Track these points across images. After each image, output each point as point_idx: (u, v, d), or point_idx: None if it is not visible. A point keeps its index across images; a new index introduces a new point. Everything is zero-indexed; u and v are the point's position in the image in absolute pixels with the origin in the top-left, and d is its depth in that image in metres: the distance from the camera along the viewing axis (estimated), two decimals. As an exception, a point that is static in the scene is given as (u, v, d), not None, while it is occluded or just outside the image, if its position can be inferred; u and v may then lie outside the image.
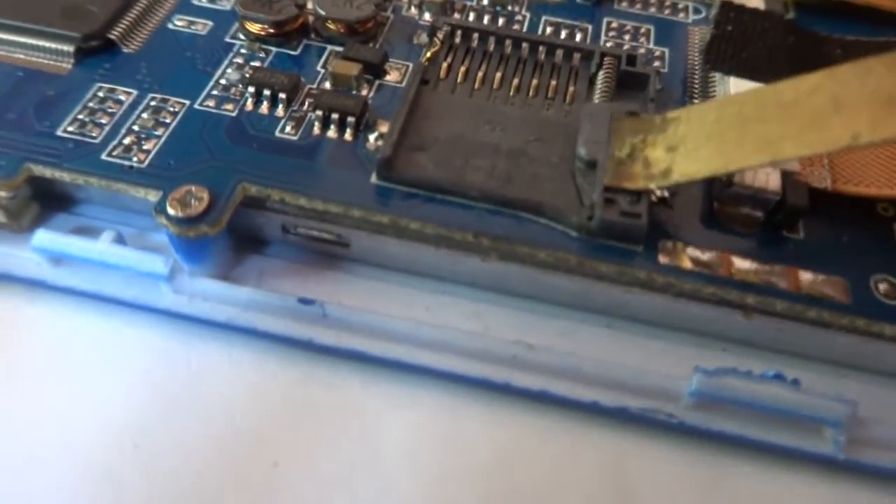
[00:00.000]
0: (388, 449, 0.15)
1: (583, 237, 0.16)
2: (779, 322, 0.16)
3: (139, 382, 0.16)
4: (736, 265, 0.16)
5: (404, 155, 0.16)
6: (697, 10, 0.23)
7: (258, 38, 0.20)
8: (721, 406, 0.15)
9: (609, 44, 0.21)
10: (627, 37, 0.22)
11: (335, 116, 0.18)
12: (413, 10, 0.22)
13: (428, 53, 0.19)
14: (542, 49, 0.19)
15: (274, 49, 0.20)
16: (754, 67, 0.19)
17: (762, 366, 0.15)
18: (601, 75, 0.19)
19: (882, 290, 0.15)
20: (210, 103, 0.18)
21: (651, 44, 0.21)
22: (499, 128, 0.17)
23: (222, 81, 0.19)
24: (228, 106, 0.18)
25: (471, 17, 0.21)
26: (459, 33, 0.19)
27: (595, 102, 0.18)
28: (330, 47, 0.20)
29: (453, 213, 0.16)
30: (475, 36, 0.20)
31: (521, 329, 0.16)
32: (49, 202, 0.18)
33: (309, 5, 0.20)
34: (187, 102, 0.18)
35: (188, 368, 0.16)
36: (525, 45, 0.19)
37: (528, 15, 0.22)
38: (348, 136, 0.18)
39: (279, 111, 0.18)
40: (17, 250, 0.17)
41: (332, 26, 0.20)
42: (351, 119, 0.17)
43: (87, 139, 0.17)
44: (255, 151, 0.17)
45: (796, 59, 0.20)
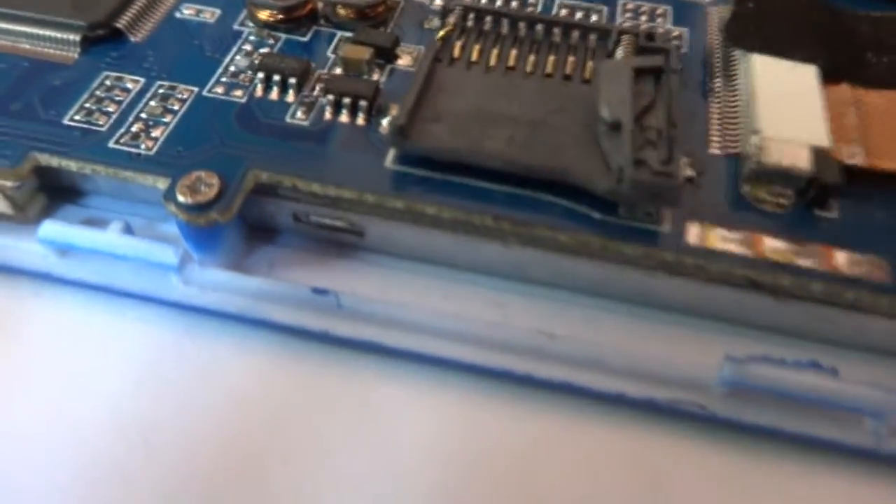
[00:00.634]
0: (405, 442, 0.15)
1: (608, 219, 0.15)
2: (814, 306, 0.15)
3: (148, 376, 0.16)
4: (767, 245, 0.15)
5: (419, 125, 0.16)
6: (716, -10, 0.22)
7: (267, 25, 0.19)
8: (753, 396, 0.14)
9: (626, 24, 0.20)
10: (644, 17, 0.21)
11: (347, 101, 0.17)
12: (424, -5, 0.21)
13: (441, 33, 0.18)
14: (558, 30, 0.19)
15: (283, 36, 0.19)
16: (777, 44, 0.19)
17: (795, 353, 0.15)
18: (620, 52, 0.18)
19: (922, 271, 0.15)
20: (219, 90, 0.18)
21: (669, 25, 0.21)
22: (516, 101, 0.17)
23: (231, 68, 0.18)
24: (238, 92, 0.18)
25: (483, 0, 0.21)
26: (472, 16, 0.19)
27: (612, 59, 0.17)
28: (340, 33, 0.20)
29: (471, 197, 0.15)
30: (488, 18, 0.19)
31: (543, 318, 0.16)
32: (56, 193, 0.17)
33: (318, -9, 0.20)
34: (196, 89, 0.18)
35: (199, 361, 0.16)
36: (540, 27, 0.19)
37: (542, -3, 0.21)
38: (361, 121, 0.17)
39: (289, 96, 0.18)
40: (24, 242, 0.16)
41: (342, 11, 0.20)
42: (363, 103, 0.17)
43: (94, 127, 0.17)
44: (266, 137, 0.17)
45: (820, 35, 0.19)
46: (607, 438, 0.15)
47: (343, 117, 0.17)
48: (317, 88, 0.18)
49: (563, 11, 0.21)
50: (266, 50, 0.19)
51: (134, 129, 0.17)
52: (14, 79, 0.18)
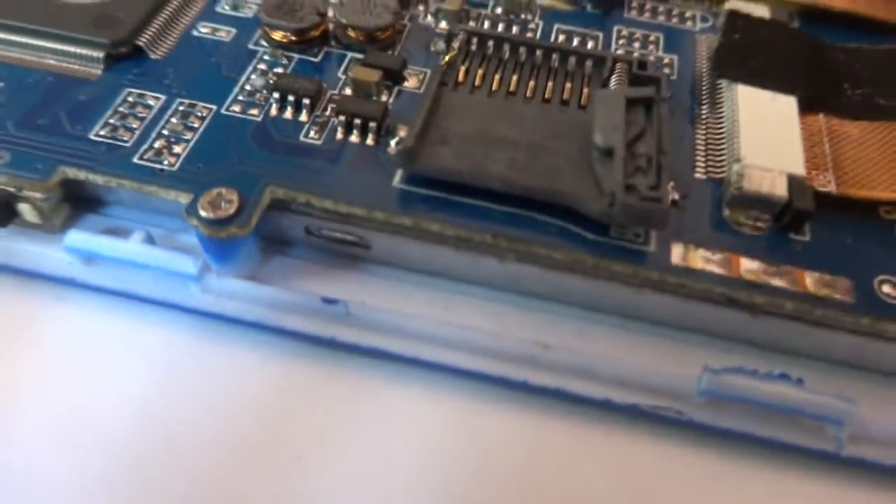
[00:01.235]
0: (410, 444, 0.16)
1: (599, 239, 0.16)
2: (785, 322, 0.16)
3: (167, 377, 0.17)
4: (745, 266, 0.16)
5: (426, 148, 0.17)
6: (705, 19, 0.23)
7: (280, 45, 0.20)
8: (728, 404, 0.16)
9: (619, 51, 0.22)
10: (637, 44, 0.22)
11: (357, 122, 0.18)
12: (429, 19, 0.22)
13: (446, 58, 0.19)
14: (556, 56, 0.20)
15: (296, 56, 0.20)
16: (761, 75, 0.20)
17: (768, 365, 0.16)
18: (614, 79, 0.19)
19: (885, 291, 0.16)
20: (236, 108, 0.19)
21: (660, 51, 0.22)
22: (517, 125, 0.18)
23: (247, 87, 0.19)
24: (254, 111, 0.19)
25: (485, 25, 0.22)
26: (475, 40, 0.20)
27: (607, 88, 0.19)
28: (350, 54, 0.21)
29: (473, 215, 0.16)
30: (490, 43, 0.20)
31: (538, 329, 0.17)
32: (80, 204, 0.18)
33: (330, 13, 0.21)
34: (214, 107, 0.19)
35: (215, 364, 0.17)
36: (539, 52, 0.20)
37: (541, 23, 0.22)
38: (370, 141, 0.18)
39: (303, 116, 0.19)
40: (50, 250, 0.17)
41: (352, 34, 0.21)
42: (372, 124, 0.18)
43: (119, 143, 0.18)
44: (281, 155, 0.18)
45: (801, 67, 0.20)
46: (594, 440, 0.16)
47: (353, 137, 0.18)
48: (329, 109, 0.19)
49: (562, 37, 0.22)
50: (280, 70, 0.20)
51: (157, 146, 0.18)
52: (41, 94, 0.19)
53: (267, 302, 0.17)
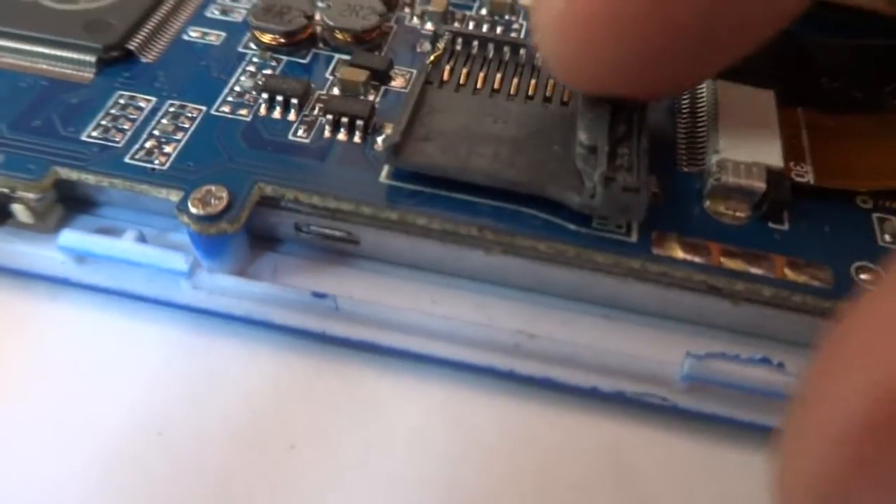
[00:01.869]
0: (400, 433, 0.16)
1: (582, 230, 0.17)
2: (765, 308, 0.17)
3: (161, 374, 0.17)
4: (724, 254, 0.17)
5: (412, 144, 0.17)
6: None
7: (269, 48, 0.21)
8: (711, 389, 0.16)
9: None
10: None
11: (345, 120, 0.18)
12: (415, 21, 0.23)
13: (431, 57, 0.20)
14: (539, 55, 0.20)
15: (284, 58, 0.21)
16: (737, 70, 0.20)
17: (749, 350, 0.16)
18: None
19: (862, 277, 0.16)
20: (225, 109, 0.19)
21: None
22: (501, 121, 0.18)
23: (236, 88, 0.20)
24: (243, 111, 0.19)
25: (470, 26, 0.23)
26: (461, 40, 0.20)
27: None
28: (337, 56, 0.21)
29: (458, 209, 0.17)
30: (475, 43, 0.21)
31: (523, 319, 0.17)
32: (73, 205, 0.18)
33: (317, 16, 0.21)
34: (204, 108, 0.19)
35: (207, 359, 0.17)
36: (522, 51, 0.20)
37: (525, 24, 0.23)
38: (357, 139, 0.19)
39: (291, 115, 0.19)
40: (44, 250, 0.18)
41: (340, 36, 0.21)
42: (360, 122, 0.18)
43: (111, 143, 0.18)
44: (270, 153, 0.18)
45: (780, 62, 0.21)
46: (581, 427, 0.16)
47: (341, 135, 0.19)
48: (317, 108, 0.19)
49: (544, 36, 0.22)
50: (269, 71, 0.20)
51: (148, 146, 0.18)
52: (35, 97, 0.19)
53: (257, 297, 0.17)
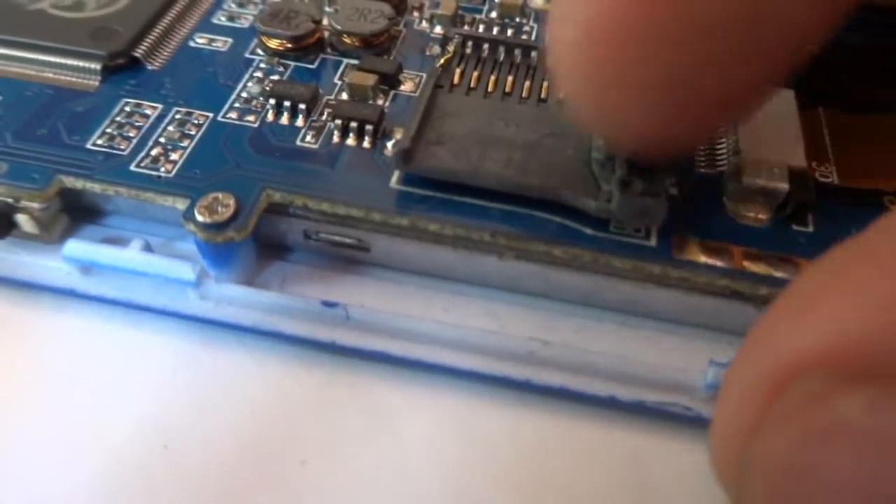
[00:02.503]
0: (412, 446, 0.16)
1: (599, 234, 0.16)
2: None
3: (168, 386, 0.17)
4: (747, 258, 0.16)
5: (423, 148, 0.17)
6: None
7: (277, 53, 0.21)
8: (737, 398, 0.15)
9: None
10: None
11: (354, 125, 0.18)
12: (424, 24, 0.22)
13: (441, 60, 0.19)
14: (551, 57, 0.20)
15: (292, 63, 0.21)
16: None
17: (776, 358, 0.16)
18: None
19: (891, 281, 0.16)
20: (233, 115, 0.19)
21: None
22: (513, 124, 0.18)
23: (244, 94, 0.19)
24: (250, 117, 0.19)
25: (480, 29, 0.22)
26: (471, 43, 0.20)
27: None
28: (346, 60, 0.21)
29: (471, 214, 0.16)
30: (485, 46, 0.20)
31: (537, 327, 0.17)
32: (78, 214, 0.18)
33: (325, 21, 0.21)
34: (211, 115, 0.19)
35: (215, 370, 0.17)
36: (534, 54, 0.20)
37: (536, 26, 0.23)
38: (366, 144, 0.18)
39: (299, 121, 0.19)
40: (49, 260, 0.17)
41: (348, 40, 0.21)
42: (369, 127, 0.18)
43: (116, 151, 0.18)
44: (278, 160, 0.18)
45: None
46: (599, 438, 0.16)
47: (350, 140, 0.18)
48: (325, 113, 0.19)
49: (556, 38, 0.22)
50: (276, 77, 0.20)
51: (154, 153, 0.18)
52: (39, 106, 0.19)
53: (266, 307, 0.17)
